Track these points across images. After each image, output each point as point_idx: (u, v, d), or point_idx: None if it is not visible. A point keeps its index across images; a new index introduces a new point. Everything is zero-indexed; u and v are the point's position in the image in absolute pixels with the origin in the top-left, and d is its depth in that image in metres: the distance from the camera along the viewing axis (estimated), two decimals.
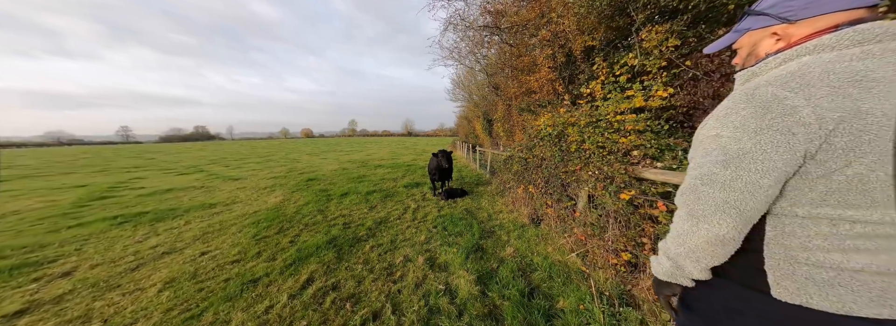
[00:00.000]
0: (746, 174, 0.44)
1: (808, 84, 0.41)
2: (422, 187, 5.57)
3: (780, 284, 0.45)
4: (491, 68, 8.23)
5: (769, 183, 0.43)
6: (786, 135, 0.41)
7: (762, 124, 0.43)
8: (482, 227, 3.04)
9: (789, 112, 0.41)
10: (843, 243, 0.42)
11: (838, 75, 0.40)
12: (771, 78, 0.45)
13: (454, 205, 4.13)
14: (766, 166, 0.43)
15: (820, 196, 0.42)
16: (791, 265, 0.45)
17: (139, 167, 12.06)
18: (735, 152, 0.45)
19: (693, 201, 0.49)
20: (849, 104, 0.39)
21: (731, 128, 0.46)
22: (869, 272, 0.41)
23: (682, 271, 0.54)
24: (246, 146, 38.43)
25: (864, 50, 0.41)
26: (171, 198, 5.19)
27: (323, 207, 4.18)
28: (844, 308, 0.41)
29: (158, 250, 2.62)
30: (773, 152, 0.42)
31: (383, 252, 2.46)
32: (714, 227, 0.47)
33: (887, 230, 0.40)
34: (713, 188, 0.47)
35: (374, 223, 3.33)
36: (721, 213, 0.46)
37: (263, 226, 3.24)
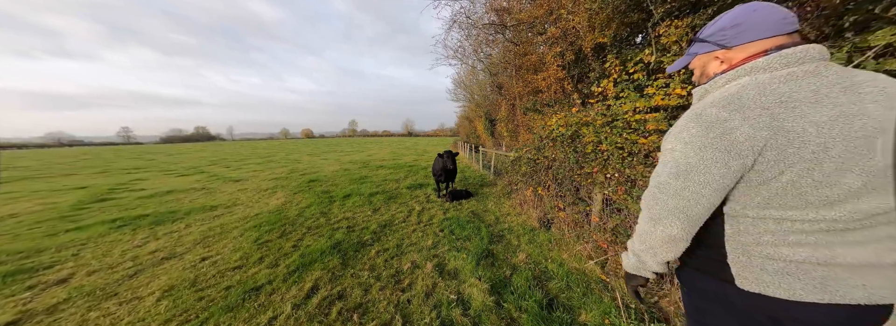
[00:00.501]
0: (692, 185, 0.52)
1: (743, 106, 0.48)
2: (425, 189, 5.48)
3: (741, 275, 0.53)
4: (494, 68, 8.14)
5: (710, 193, 0.51)
6: (723, 153, 0.49)
7: (705, 141, 0.50)
8: (490, 231, 2.95)
9: (728, 132, 0.48)
10: (788, 238, 0.49)
11: (768, 97, 0.47)
12: (716, 99, 0.52)
13: (459, 207, 4.04)
14: (707, 178, 0.51)
15: (764, 200, 0.50)
16: (748, 258, 0.52)
17: (140, 169, 12.00)
18: (684, 165, 0.53)
19: (652, 205, 0.58)
20: (776, 123, 0.46)
21: (681, 144, 0.53)
22: (810, 263, 0.48)
23: (644, 265, 0.64)
24: (246, 147, 38.41)
25: (790, 72, 0.48)
26: (172, 200, 5.11)
27: (325, 209, 4.09)
28: (795, 295, 0.48)
29: (158, 255, 2.54)
30: (712, 166, 0.50)
31: (390, 258, 2.37)
32: (667, 228, 0.56)
33: (822, 226, 0.47)
34: (667, 196, 0.55)
35: (378, 226, 3.24)
36: (673, 217, 0.55)
37: (265, 230, 3.16)
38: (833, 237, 0.47)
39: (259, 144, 58.60)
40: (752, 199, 0.51)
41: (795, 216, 0.48)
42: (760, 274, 0.51)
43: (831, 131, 0.45)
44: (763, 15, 0.53)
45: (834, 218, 0.47)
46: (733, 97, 0.50)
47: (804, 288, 0.48)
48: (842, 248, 0.47)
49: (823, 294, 0.48)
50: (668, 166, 0.56)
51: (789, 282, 0.49)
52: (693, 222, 0.55)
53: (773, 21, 0.52)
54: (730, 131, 0.48)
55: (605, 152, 1.94)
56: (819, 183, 0.46)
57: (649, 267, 0.64)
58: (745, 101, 0.49)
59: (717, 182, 0.51)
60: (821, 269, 0.48)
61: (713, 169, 0.50)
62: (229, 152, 23.57)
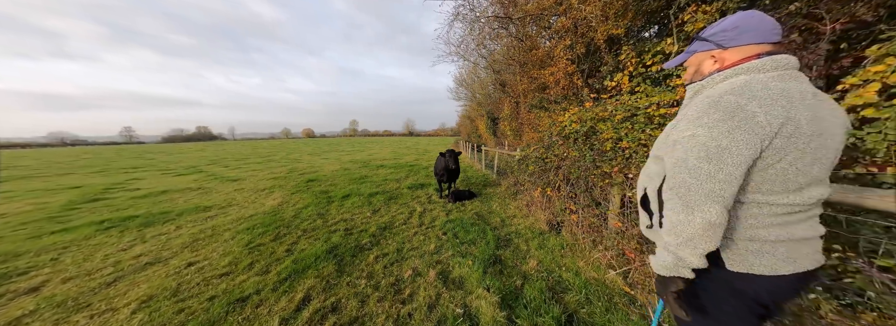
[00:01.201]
0: (726, 167, 0.54)
1: (756, 96, 0.54)
2: (426, 189, 5.31)
3: (730, 258, 0.59)
4: (497, 65, 7.95)
5: (740, 173, 0.54)
6: (750, 134, 0.53)
7: (733, 125, 0.53)
8: (496, 234, 2.77)
9: (751, 116, 0.53)
10: (765, 221, 0.58)
11: (772, 91, 0.54)
12: (726, 90, 0.57)
13: (463, 208, 3.87)
14: (740, 159, 0.54)
15: (755, 186, 0.57)
16: (733, 241, 0.59)
17: (138, 168, 11.89)
18: (714, 148, 0.54)
19: (684, 193, 0.57)
20: (786, 113, 0.53)
21: (705, 129, 0.55)
22: (780, 241, 0.58)
23: (683, 261, 0.59)
24: (247, 146, 38.37)
25: (780, 74, 0.57)
26: (166, 200, 4.96)
27: (323, 210, 3.92)
28: (773, 270, 0.57)
29: (141, 260, 2.37)
30: (744, 147, 0.53)
31: (389, 264, 2.20)
32: (706, 214, 0.55)
33: (788, 209, 0.57)
34: (700, 181, 0.55)
35: (377, 228, 3.07)
36: (711, 201, 0.55)
37: (258, 232, 2.99)
38: (791, 218, 0.57)
39: (260, 143, 58.60)
40: (746, 184, 0.56)
41: (774, 200, 0.55)
42: (745, 255, 0.58)
43: (812, 126, 0.53)
44: (759, 22, 0.59)
45: (797, 202, 0.55)
46: (743, 88, 0.54)
47: (778, 263, 0.56)
48: (794, 226, 0.57)
49: (791, 266, 0.56)
50: (694, 150, 0.56)
51: (768, 260, 0.56)
52: (728, 204, 0.55)
53: (766, 29, 0.59)
54: (752, 115, 0.52)
55: (626, 150, 1.75)
56: (799, 171, 0.54)
57: (689, 264, 0.59)
58: (755, 92, 0.54)
59: (746, 163, 0.53)
60: (785, 246, 0.57)
61: (744, 150, 0.53)
62: (230, 152, 23.48)
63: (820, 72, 1.51)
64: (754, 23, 0.60)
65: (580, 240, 2.23)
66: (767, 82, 0.55)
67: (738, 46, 0.61)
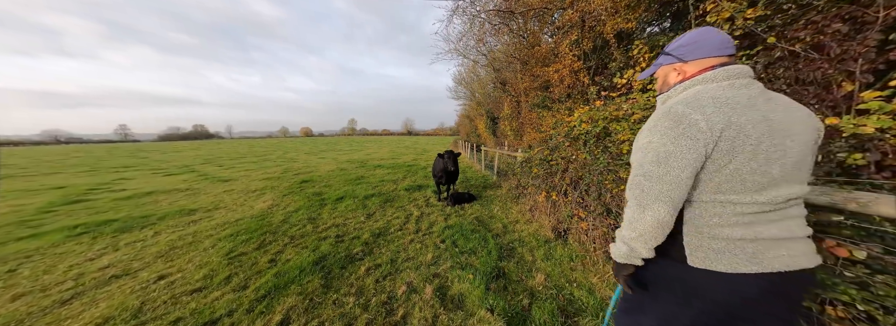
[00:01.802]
0: (673, 170, 0.60)
1: (701, 105, 0.60)
2: (424, 191, 5.10)
3: (694, 254, 0.63)
4: (498, 63, 7.75)
5: (686, 176, 0.60)
6: (692, 140, 0.59)
7: (678, 132, 0.60)
8: (498, 242, 2.57)
9: (693, 124, 0.59)
10: (729, 220, 0.60)
11: (718, 99, 0.60)
12: (679, 100, 0.65)
13: (462, 212, 3.67)
14: (684, 162, 0.60)
15: (715, 186, 0.61)
16: (698, 239, 0.63)
17: (129, 167, 11.60)
18: (664, 153, 0.61)
19: (638, 194, 0.65)
20: (727, 118, 0.58)
21: (658, 136, 0.63)
22: (745, 240, 0.60)
23: (635, 252, 0.68)
24: (244, 145, 37.93)
25: (730, 83, 0.63)
26: (150, 202, 4.72)
27: (315, 214, 3.71)
28: (734, 268, 0.59)
29: (107, 272, 2.15)
30: (688, 152, 0.59)
31: (382, 277, 2.00)
32: (656, 213, 0.62)
33: (753, 209, 0.59)
34: (652, 182, 0.62)
35: (371, 235, 2.86)
36: (660, 201, 0.61)
37: (242, 240, 2.77)
38: (758, 218, 0.60)
39: (257, 142, 58.06)
40: (706, 185, 0.62)
41: (736, 199, 0.60)
42: (708, 253, 0.61)
43: (760, 129, 0.57)
44: (713, 37, 0.68)
45: (762, 201, 0.59)
46: (692, 99, 0.63)
47: (740, 262, 0.59)
48: (763, 226, 0.60)
49: (754, 266, 0.58)
50: (649, 156, 0.64)
51: (729, 258, 0.60)
52: (676, 205, 0.62)
53: (718, 43, 0.67)
54: (694, 122, 0.59)
55: None
56: (754, 171, 0.58)
57: (639, 254, 0.67)
58: (701, 101, 0.61)
59: (691, 166, 0.60)
60: (751, 245, 0.59)
61: (688, 155, 0.59)
62: (226, 151, 23.14)
63: (867, 66, 1.32)
64: (709, 38, 0.68)
65: (592, 251, 2.04)
66: (716, 92, 0.62)
67: (695, 59, 0.69)
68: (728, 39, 0.67)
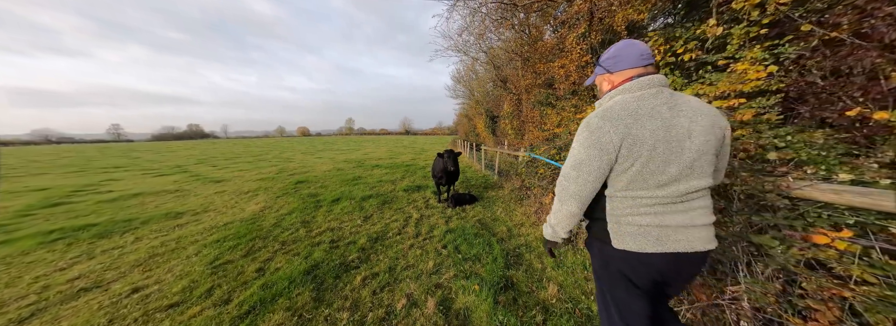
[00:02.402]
0: (583, 174, 0.76)
1: (612, 117, 0.73)
2: (423, 191, 4.94)
3: (615, 238, 0.77)
4: (498, 60, 7.58)
5: (593, 179, 0.75)
6: (600, 150, 0.73)
7: (590, 141, 0.74)
8: (504, 248, 2.41)
9: (602, 135, 0.72)
10: (638, 210, 0.75)
11: (626, 111, 0.72)
12: (598, 111, 0.77)
13: (464, 215, 3.51)
14: (591, 168, 0.74)
15: (625, 184, 0.75)
16: (617, 225, 0.77)
17: (120, 167, 11.29)
18: (578, 160, 0.76)
19: (559, 191, 0.82)
20: (627, 130, 0.71)
21: (577, 143, 0.78)
22: (652, 226, 0.74)
23: (557, 234, 0.88)
24: (240, 145, 37.44)
25: (642, 94, 0.75)
26: (135, 205, 4.50)
27: (309, 217, 3.53)
28: (642, 248, 0.74)
29: (77, 284, 1.96)
30: (595, 160, 0.74)
31: (379, 288, 1.83)
32: (569, 207, 0.80)
33: (657, 201, 0.73)
34: (568, 182, 0.79)
35: (368, 240, 2.69)
36: (573, 199, 0.79)
37: (229, 246, 2.58)
38: (663, 209, 0.73)
39: (253, 142, 57.40)
40: (619, 183, 0.75)
41: (642, 194, 0.73)
42: (624, 236, 0.76)
43: (657, 135, 0.70)
44: (631, 50, 0.79)
45: (663, 195, 0.73)
46: (607, 110, 0.75)
47: (647, 243, 0.74)
48: (668, 215, 0.74)
49: (659, 246, 0.73)
50: (570, 160, 0.79)
51: (638, 240, 0.74)
52: (585, 202, 0.79)
53: (636, 55, 0.78)
54: (603, 134, 0.72)
55: None
56: (653, 172, 0.71)
57: (559, 235, 0.88)
58: (613, 113, 0.73)
59: (596, 172, 0.74)
60: (657, 230, 0.74)
61: (594, 162, 0.74)
62: (221, 151, 22.77)
63: None
64: (629, 51, 0.79)
65: None
66: (627, 103, 0.74)
67: (619, 70, 0.80)
68: (647, 51, 0.78)
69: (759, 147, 1.20)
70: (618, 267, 0.80)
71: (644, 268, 0.76)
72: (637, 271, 0.77)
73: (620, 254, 0.77)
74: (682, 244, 0.73)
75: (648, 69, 0.78)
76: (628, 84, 0.76)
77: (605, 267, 0.84)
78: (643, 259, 0.74)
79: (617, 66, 0.81)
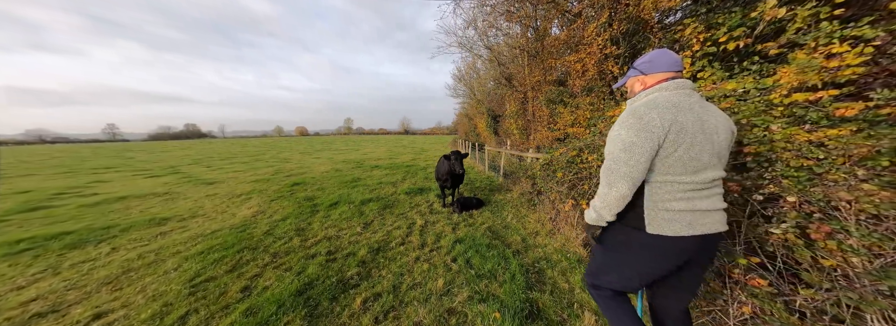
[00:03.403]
0: (635, 156, 0.83)
1: (657, 106, 0.84)
2: (426, 194, 4.68)
3: (651, 223, 0.85)
4: (503, 57, 7.33)
5: (644, 161, 0.83)
6: (650, 133, 0.81)
7: (640, 126, 0.82)
8: (522, 262, 2.16)
9: (650, 121, 0.82)
10: (675, 195, 0.84)
11: (669, 103, 0.84)
12: (641, 103, 0.89)
13: (472, 221, 3.25)
14: (643, 150, 0.82)
15: (665, 169, 0.83)
16: (654, 211, 0.86)
17: (111, 168, 10.97)
18: (629, 143, 0.83)
19: (608, 174, 0.88)
20: (674, 117, 0.81)
21: (625, 129, 0.85)
22: (685, 211, 0.83)
23: (602, 218, 0.93)
24: (237, 145, 37.00)
25: (679, 92, 0.88)
26: (119, 209, 4.22)
27: (304, 223, 3.26)
28: (676, 233, 0.83)
29: (31, 308, 1.69)
30: (646, 142, 0.81)
31: (382, 314, 1.57)
32: (620, 189, 0.85)
33: (692, 187, 0.83)
34: (619, 165, 0.85)
35: (369, 251, 2.43)
36: (624, 181, 0.84)
37: (213, 259, 2.31)
38: (694, 194, 0.83)
39: (250, 141, 56.90)
40: (658, 168, 0.84)
41: (680, 179, 0.82)
42: (661, 222, 0.84)
43: (696, 127, 0.81)
44: (667, 57, 0.93)
45: (698, 181, 0.82)
46: (651, 102, 0.87)
47: (682, 229, 0.82)
48: (698, 200, 0.84)
49: (690, 230, 0.83)
50: (617, 144, 0.86)
51: (673, 225, 0.83)
52: (635, 183, 0.85)
53: (671, 62, 0.92)
54: (652, 120, 0.81)
55: (774, 160, 1.14)
56: (692, 158, 0.81)
57: (605, 218, 0.93)
58: (657, 104, 0.84)
59: (648, 154, 0.82)
60: (690, 215, 0.83)
61: (647, 144, 0.81)
62: (217, 151, 22.41)
63: None
64: (663, 58, 0.93)
65: None
66: (668, 97, 0.86)
67: (653, 73, 0.94)
68: (679, 59, 0.92)
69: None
70: (648, 254, 0.89)
71: (675, 253, 0.86)
72: (668, 256, 0.86)
73: (655, 241, 0.85)
74: (707, 226, 0.84)
75: (678, 75, 0.91)
76: (665, 84, 0.88)
77: (632, 255, 0.92)
78: (677, 244, 0.84)
79: (652, 69, 0.93)
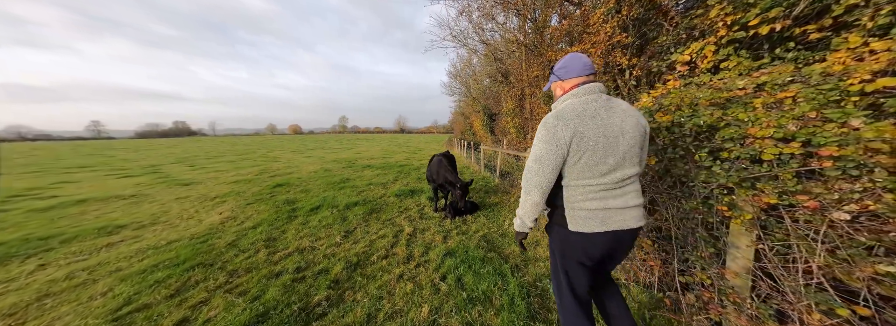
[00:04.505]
0: (543, 167, 0.92)
1: (564, 117, 0.90)
2: (418, 197, 4.35)
3: (571, 221, 0.94)
4: (499, 52, 7.01)
5: (551, 171, 0.92)
6: (554, 145, 0.89)
7: (547, 138, 0.91)
8: (521, 280, 1.85)
9: (556, 132, 0.89)
10: (588, 196, 0.92)
11: (574, 112, 0.91)
12: (554, 113, 0.96)
13: (465, 228, 2.94)
14: (549, 161, 0.91)
15: (576, 174, 0.92)
16: (572, 210, 0.94)
17: (86, 167, 10.35)
18: (538, 154, 0.93)
19: (526, 184, 0.97)
20: (576, 128, 0.88)
21: (538, 140, 0.94)
22: (598, 210, 0.92)
23: (524, 224, 1.03)
24: (226, 143, 35.94)
25: (586, 98, 0.94)
26: (73, 215, 3.78)
27: (277, 232, 2.90)
28: (592, 229, 0.92)
29: None
30: (552, 154, 0.90)
31: None
32: (533, 197, 0.96)
33: (601, 188, 0.91)
34: (532, 175, 0.95)
35: (345, 266, 2.09)
36: (536, 189, 0.94)
37: (156, 279, 1.94)
38: (606, 194, 0.92)
39: (241, 140, 55.52)
40: (570, 174, 0.92)
41: (589, 182, 0.91)
42: (577, 220, 0.93)
43: (597, 133, 0.88)
44: (578, 62, 0.99)
45: (605, 183, 0.90)
46: (560, 112, 0.93)
47: (595, 225, 0.92)
48: (610, 200, 0.92)
49: (604, 227, 0.91)
50: (532, 155, 0.95)
51: (589, 223, 0.92)
52: (545, 191, 0.94)
53: (581, 66, 0.99)
54: (557, 131, 0.89)
55: (869, 166, 0.83)
56: (596, 163, 0.89)
57: (527, 225, 1.02)
58: (564, 114, 0.91)
59: (553, 164, 0.91)
60: (602, 213, 0.91)
61: (551, 156, 0.90)
62: (205, 149, 21.65)
63: None
64: (575, 63, 0.99)
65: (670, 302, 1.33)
66: (575, 106, 0.92)
67: (569, 78, 1.00)
68: (588, 62, 0.99)
69: None
70: (573, 246, 0.98)
71: (593, 246, 0.95)
72: (588, 249, 0.96)
73: (575, 236, 0.95)
74: (619, 223, 0.92)
75: (590, 78, 0.99)
76: (576, 90, 0.96)
77: (562, 246, 1.02)
78: (593, 238, 0.93)
79: (567, 74, 1.00)
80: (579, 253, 0.97)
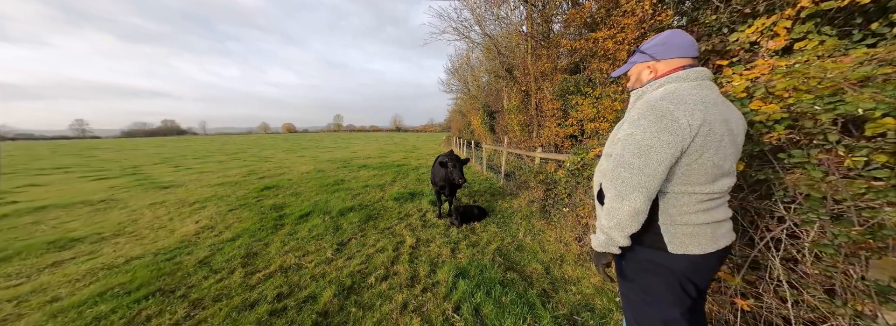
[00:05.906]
0: (651, 163, 0.67)
1: (682, 102, 0.67)
2: (419, 200, 3.99)
3: (672, 242, 0.72)
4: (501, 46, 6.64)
5: (663, 169, 0.68)
6: (673, 135, 0.66)
7: (661, 126, 0.66)
8: (556, 314, 1.50)
9: (675, 120, 0.66)
10: (693, 207, 0.71)
11: (694, 98, 0.68)
12: (661, 96, 0.71)
13: (475, 238, 2.59)
14: (662, 156, 0.67)
15: (683, 178, 0.70)
16: (673, 227, 0.72)
17: (62, 168, 9.71)
18: (645, 147, 0.68)
19: (618, 184, 0.71)
20: (704, 116, 0.66)
21: (641, 129, 0.69)
22: (705, 224, 0.72)
23: (613, 241, 0.75)
24: (216, 142, 34.88)
25: (699, 83, 0.72)
26: (25, 225, 3.32)
27: (259, 245, 2.52)
28: (704, 250, 0.71)
29: None
30: (666, 146, 0.66)
31: None
32: (633, 202, 0.69)
33: (709, 197, 0.71)
34: (631, 173, 0.69)
35: (336, 291, 1.73)
36: (637, 192, 0.69)
37: (94, 316, 1.54)
38: (711, 204, 0.72)
39: (232, 139, 54.21)
40: (676, 178, 0.70)
41: (698, 190, 0.70)
42: (682, 239, 0.71)
43: (723, 127, 0.68)
44: (682, 39, 0.76)
45: (714, 191, 0.71)
46: (674, 95, 0.69)
47: (707, 243, 0.71)
48: (715, 211, 0.73)
49: (714, 245, 0.72)
50: (630, 147, 0.70)
51: (698, 241, 0.71)
52: (651, 195, 0.69)
53: (687, 45, 0.76)
54: (676, 119, 0.66)
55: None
56: (715, 165, 0.69)
57: (617, 242, 0.75)
58: (682, 98, 0.68)
59: (668, 160, 0.67)
60: (709, 228, 0.72)
61: (666, 148, 0.66)
62: (193, 148, 20.86)
63: None
64: (678, 40, 0.76)
65: None
66: (690, 90, 0.70)
67: (667, 58, 0.77)
68: (694, 42, 0.76)
69: None
70: (676, 276, 0.73)
71: (704, 270, 0.75)
72: (698, 275, 0.74)
73: (680, 260, 0.72)
74: (726, 238, 0.75)
75: (695, 62, 0.77)
76: (682, 72, 0.73)
77: (657, 281, 0.76)
78: (705, 260, 0.73)
79: (667, 53, 0.77)
80: (686, 285, 0.73)
